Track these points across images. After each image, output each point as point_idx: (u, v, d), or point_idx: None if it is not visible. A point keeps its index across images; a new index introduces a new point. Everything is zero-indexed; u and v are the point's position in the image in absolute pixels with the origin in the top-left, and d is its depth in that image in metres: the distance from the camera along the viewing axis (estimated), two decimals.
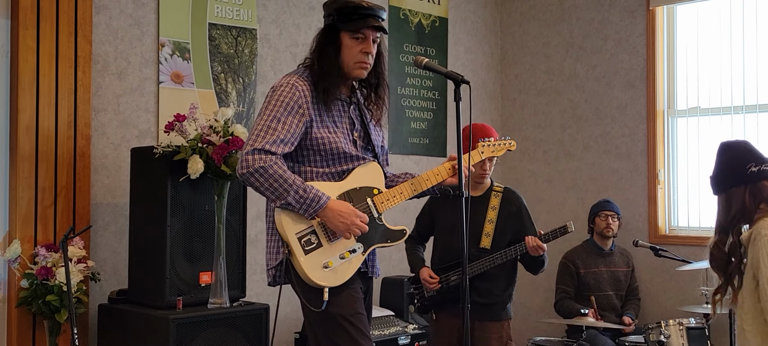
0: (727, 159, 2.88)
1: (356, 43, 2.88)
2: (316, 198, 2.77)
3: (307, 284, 2.82)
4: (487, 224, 3.81)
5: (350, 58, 2.89)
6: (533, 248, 3.73)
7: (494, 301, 3.80)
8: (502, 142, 3.40)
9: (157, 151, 3.66)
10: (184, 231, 3.75)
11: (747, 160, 2.83)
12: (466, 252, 2.82)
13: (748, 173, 2.81)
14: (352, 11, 2.88)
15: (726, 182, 2.86)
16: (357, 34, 2.88)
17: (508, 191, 3.94)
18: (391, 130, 5.45)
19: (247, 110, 4.66)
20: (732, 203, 2.83)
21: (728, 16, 5.20)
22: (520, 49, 6.13)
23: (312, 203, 2.77)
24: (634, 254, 5.28)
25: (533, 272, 3.94)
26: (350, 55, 2.89)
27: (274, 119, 2.79)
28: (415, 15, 5.62)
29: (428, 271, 3.89)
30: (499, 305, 3.81)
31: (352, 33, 2.88)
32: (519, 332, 5.89)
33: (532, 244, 3.73)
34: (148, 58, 4.29)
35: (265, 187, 2.76)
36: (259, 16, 4.74)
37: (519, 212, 3.88)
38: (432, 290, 3.87)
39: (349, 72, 2.91)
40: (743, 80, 5.12)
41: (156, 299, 3.70)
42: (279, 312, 4.67)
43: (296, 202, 2.76)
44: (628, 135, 5.53)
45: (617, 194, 5.51)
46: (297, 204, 2.76)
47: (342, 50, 2.89)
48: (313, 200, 2.77)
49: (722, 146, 2.92)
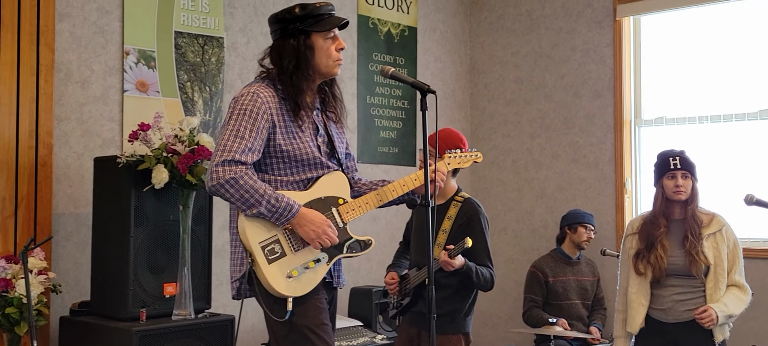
0: None
1: (329, 43, 2.91)
2: (289, 206, 2.76)
3: (271, 294, 2.80)
4: (441, 234, 3.72)
5: (328, 58, 2.91)
6: (443, 263, 3.50)
7: (440, 312, 3.45)
8: (469, 154, 3.39)
9: (121, 161, 3.62)
10: (148, 242, 3.70)
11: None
12: (432, 262, 2.79)
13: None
14: (319, 13, 2.89)
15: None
16: (329, 34, 2.90)
17: (467, 202, 3.76)
18: (360, 140, 5.44)
19: (213, 119, 4.62)
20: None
21: (692, 26, 5.26)
22: (489, 58, 6.15)
23: (284, 212, 2.76)
24: (601, 263, 5.31)
25: (478, 288, 3.74)
26: (327, 56, 2.91)
27: (241, 128, 2.77)
28: (384, 24, 5.61)
29: (392, 274, 3.87)
30: (446, 318, 3.59)
31: (325, 34, 2.89)
32: (488, 342, 5.90)
33: (441, 259, 3.50)
34: (112, 67, 4.23)
35: (236, 198, 2.74)
36: (226, 25, 4.70)
37: (469, 224, 3.68)
38: (393, 296, 3.87)
39: (328, 72, 2.93)
40: (708, 90, 5.18)
41: (119, 310, 3.64)
42: (246, 323, 4.65)
43: (268, 211, 2.75)
44: (596, 144, 5.57)
45: (585, 202, 5.54)
46: (269, 213, 2.75)
47: (316, 53, 2.89)
48: (286, 208, 2.76)
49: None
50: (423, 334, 3.65)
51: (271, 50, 2.95)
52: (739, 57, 5.07)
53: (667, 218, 3.69)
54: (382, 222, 5.45)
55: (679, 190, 3.65)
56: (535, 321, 4.94)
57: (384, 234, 5.36)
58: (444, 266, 3.51)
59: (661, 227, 3.67)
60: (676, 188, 3.65)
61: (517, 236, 5.94)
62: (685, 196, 3.66)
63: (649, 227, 3.71)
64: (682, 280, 3.62)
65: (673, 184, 3.65)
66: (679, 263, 3.62)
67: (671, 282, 3.64)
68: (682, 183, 3.65)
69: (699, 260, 3.57)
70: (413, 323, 3.76)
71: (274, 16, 2.94)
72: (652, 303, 3.69)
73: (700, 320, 3.53)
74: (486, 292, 3.80)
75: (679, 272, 3.62)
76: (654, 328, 3.68)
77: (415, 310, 3.75)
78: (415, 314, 3.74)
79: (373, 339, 4.64)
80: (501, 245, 5.99)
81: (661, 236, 3.65)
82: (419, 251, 3.81)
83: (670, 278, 3.64)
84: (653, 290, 3.68)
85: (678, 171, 3.66)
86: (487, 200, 6.07)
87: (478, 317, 6.10)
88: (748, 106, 5.00)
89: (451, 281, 3.65)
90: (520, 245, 5.90)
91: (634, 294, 3.72)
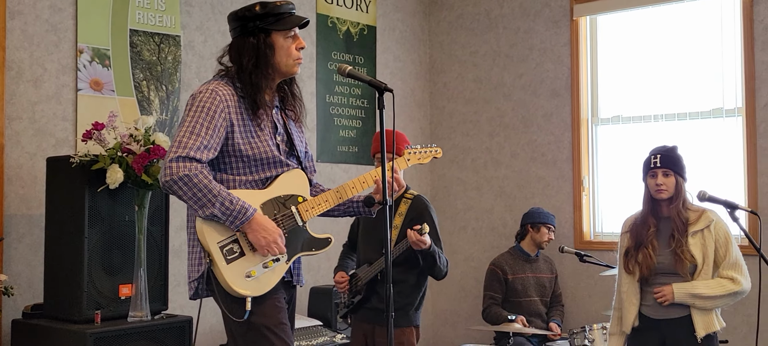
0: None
1: (290, 41, 2.89)
2: (243, 210, 2.73)
3: (229, 294, 2.77)
4: (392, 230, 3.80)
5: (288, 56, 2.89)
6: (414, 242, 3.64)
7: (395, 307, 3.58)
8: (428, 149, 3.40)
9: (74, 161, 3.56)
10: (102, 243, 3.65)
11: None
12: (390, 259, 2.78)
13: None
14: (279, 12, 2.87)
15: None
16: (290, 32, 2.88)
17: (417, 198, 3.91)
18: (319, 139, 5.42)
19: (170, 119, 4.56)
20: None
21: (648, 26, 5.34)
22: (448, 57, 6.17)
23: (238, 215, 2.72)
24: (559, 260, 5.36)
25: (433, 275, 3.86)
26: (288, 54, 2.89)
27: (197, 125, 2.74)
28: (343, 23, 5.60)
29: (341, 274, 3.95)
30: (399, 312, 3.67)
31: (285, 32, 2.88)
32: (448, 340, 5.93)
33: (412, 238, 3.63)
34: (65, 65, 4.15)
35: (188, 196, 2.70)
36: (182, 23, 4.65)
37: (420, 218, 3.81)
38: (345, 294, 3.92)
39: (288, 71, 2.92)
40: (663, 89, 5.26)
41: (73, 313, 3.58)
42: (204, 324, 4.60)
43: (222, 213, 2.71)
44: (554, 143, 5.62)
45: (544, 200, 5.58)
46: (223, 216, 2.71)
47: (276, 52, 2.87)
48: (240, 212, 2.72)
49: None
50: (377, 329, 3.78)
51: (230, 48, 2.93)
52: (692, 57, 5.16)
53: (655, 216, 3.70)
54: (342, 221, 5.42)
55: (660, 188, 3.65)
56: (495, 318, 4.97)
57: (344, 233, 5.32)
58: (416, 244, 3.64)
59: (650, 226, 3.68)
60: (657, 186, 3.66)
61: (476, 234, 5.97)
62: (667, 194, 3.65)
63: (639, 227, 3.72)
64: (670, 278, 3.62)
65: (654, 183, 3.66)
66: (666, 261, 3.64)
67: (660, 280, 3.65)
68: (663, 181, 3.65)
69: (684, 259, 3.57)
70: (367, 319, 3.84)
71: (233, 13, 2.91)
72: (643, 300, 3.70)
73: (656, 297, 3.58)
74: (439, 280, 3.94)
75: (667, 270, 3.63)
76: (645, 325, 3.70)
77: (368, 306, 3.82)
78: (369, 310, 3.81)
79: (333, 338, 4.63)
80: (461, 243, 6.02)
81: (651, 236, 3.66)
82: (369, 249, 3.87)
83: (659, 276, 3.65)
84: (644, 288, 3.70)
85: (659, 169, 3.66)
86: (447, 198, 6.09)
87: (438, 315, 6.14)
88: (701, 105, 5.09)
89: (405, 275, 3.78)
90: (480, 243, 5.93)
91: (624, 293, 3.74)
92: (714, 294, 3.54)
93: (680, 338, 3.60)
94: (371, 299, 3.81)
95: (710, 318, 3.58)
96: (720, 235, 3.61)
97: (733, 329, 4.69)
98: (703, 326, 3.56)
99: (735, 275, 3.57)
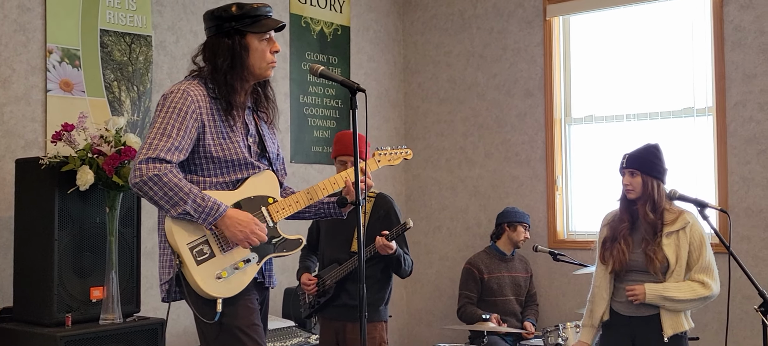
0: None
1: (265, 44, 2.88)
2: (216, 206, 2.71)
3: (200, 296, 2.75)
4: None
5: (262, 59, 2.87)
6: (381, 247, 3.76)
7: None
8: (398, 150, 3.41)
9: (44, 162, 3.52)
10: (73, 245, 3.61)
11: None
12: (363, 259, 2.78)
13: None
14: (256, 14, 2.86)
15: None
16: (265, 35, 2.87)
17: (380, 196, 4.01)
18: (293, 139, 5.40)
19: (142, 119, 4.52)
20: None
21: (620, 27, 5.39)
22: (422, 58, 6.18)
23: (211, 212, 2.70)
24: (533, 259, 5.39)
25: (398, 274, 3.99)
26: (262, 57, 2.87)
27: (168, 126, 2.71)
28: (316, 23, 5.59)
29: (308, 276, 3.99)
30: (370, 308, 3.82)
31: (261, 35, 2.86)
32: (423, 339, 5.93)
33: (379, 243, 3.76)
34: (34, 66, 4.10)
35: (159, 196, 2.67)
36: (154, 23, 4.61)
37: (387, 216, 3.93)
38: (312, 295, 3.96)
39: (261, 73, 2.90)
40: (635, 89, 5.30)
41: (43, 316, 3.54)
42: (177, 326, 4.57)
43: (194, 211, 2.69)
44: (528, 142, 5.64)
45: (518, 200, 5.61)
46: (195, 213, 2.69)
47: (251, 54, 2.85)
48: (212, 208, 2.70)
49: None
50: (348, 325, 3.87)
51: (204, 47, 2.90)
52: (663, 57, 5.21)
53: (631, 214, 3.73)
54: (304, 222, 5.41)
55: (627, 188, 3.70)
56: (469, 318, 4.98)
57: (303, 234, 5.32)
58: (382, 249, 3.76)
59: (624, 221, 3.73)
60: (625, 186, 3.71)
61: (451, 233, 5.98)
62: (634, 194, 3.69)
63: (616, 222, 3.78)
64: (642, 276, 3.66)
65: (623, 182, 3.72)
66: (638, 260, 3.67)
67: (632, 277, 3.68)
68: (630, 181, 3.69)
69: (655, 259, 3.61)
70: (337, 316, 3.90)
71: (210, 13, 2.89)
72: (615, 296, 3.74)
73: (628, 295, 3.61)
74: (404, 279, 4.09)
75: (639, 268, 3.67)
76: (616, 321, 3.74)
77: (337, 304, 3.90)
78: (339, 307, 3.90)
79: (308, 339, 4.61)
80: (436, 243, 6.03)
81: (624, 230, 3.70)
82: (336, 249, 3.91)
83: (631, 273, 3.69)
84: (616, 284, 3.74)
85: (626, 169, 3.72)
86: (422, 198, 6.10)
87: (413, 314, 6.15)
88: (672, 105, 5.14)
89: (374, 272, 3.88)
90: (455, 242, 5.94)
91: (597, 288, 3.79)
92: (684, 298, 3.58)
93: (649, 336, 3.64)
94: (341, 297, 3.89)
95: (678, 319, 3.62)
96: (695, 237, 3.64)
97: (703, 326, 4.74)
98: (670, 326, 3.60)
99: (706, 279, 3.61)
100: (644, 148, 3.76)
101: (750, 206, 4.77)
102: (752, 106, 4.78)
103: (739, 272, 3.61)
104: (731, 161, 4.84)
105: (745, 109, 4.80)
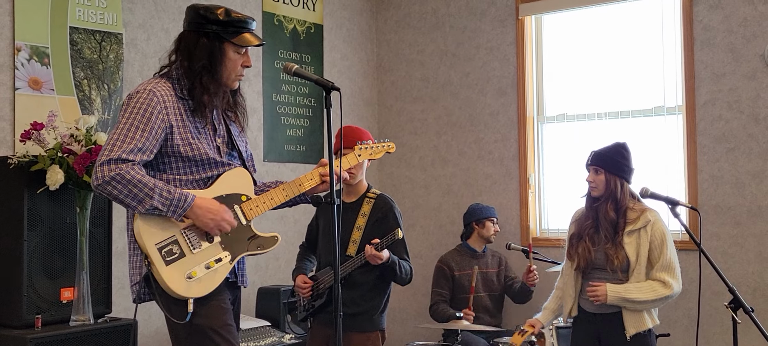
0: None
1: (239, 57, 2.86)
2: (183, 196, 2.69)
3: (170, 296, 2.72)
4: (355, 231, 3.72)
5: (232, 70, 2.86)
6: (370, 257, 3.57)
7: (358, 311, 3.65)
8: (380, 144, 3.39)
9: (12, 162, 3.48)
10: (43, 245, 3.56)
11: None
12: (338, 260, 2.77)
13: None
14: (240, 26, 2.83)
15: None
16: (241, 48, 2.85)
17: (380, 197, 3.80)
18: (266, 138, 5.37)
19: (112, 118, 4.47)
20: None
21: (592, 26, 5.43)
22: (395, 56, 6.18)
23: (179, 203, 2.68)
24: (507, 256, 5.41)
25: (396, 282, 3.80)
26: (233, 68, 2.86)
27: (131, 127, 2.68)
28: (289, 21, 5.56)
29: (303, 278, 3.84)
30: (364, 316, 3.68)
31: (238, 47, 2.84)
32: (397, 338, 5.93)
33: (368, 253, 3.57)
34: (2, 63, 4.04)
35: (124, 194, 2.64)
36: (125, 20, 4.56)
37: (385, 219, 3.73)
38: (306, 298, 3.82)
39: (228, 83, 2.88)
40: (606, 88, 5.35)
41: (12, 318, 3.50)
42: (150, 327, 4.52)
43: (162, 204, 2.66)
44: (501, 141, 5.67)
45: (491, 198, 5.63)
46: (163, 206, 2.66)
47: (225, 62, 2.83)
48: (180, 199, 2.68)
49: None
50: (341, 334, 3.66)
51: (179, 40, 2.86)
52: (634, 56, 5.26)
53: (595, 212, 3.75)
54: (290, 220, 5.40)
55: (591, 186, 3.74)
56: (441, 316, 4.99)
57: (292, 232, 5.31)
58: (371, 259, 3.55)
59: (589, 219, 3.76)
60: (588, 183, 3.75)
61: (424, 232, 5.99)
62: (597, 192, 3.72)
63: (583, 220, 3.81)
64: (605, 274, 3.69)
65: (587, 179, 3.76)
66: (601, 258, 3.71)
67: (597, 275, 3.71)
68: (593, 179, 3.72)
69: (615, 258, 3.64)
70: (329, 323, 3.73)
71: (196, 8, 2.85)
72: (581, 293, 3.78)
73: (588, 293, 3.65)
74: (404, 286, 3.86)
75: (602, 266, 3.70)
76: (582, 316, 3.79)
77: (330, 310, 3.71)
78: (331, 314, 3.70)
79: (281, 339, 4.59)
80: (409, 241, 5.98)
81: (588, 228, 3.74)
82: (331, 250, 3.77)
83: (596, 270, 3.73)
84: (583, 280, 3.78)
85: (591, 166, 3.75)
86: (396, 196, 6.09)
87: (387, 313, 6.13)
88: (642, 103, 5.19)
89: (369, 278, 3.69)
90: (428, 240, 5.96)
91: (564, 284, 3.84)
92: (645, 299, 3.61)
93: (614, 333, 3.68)
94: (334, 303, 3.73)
95: (641, 317, 3.65)
96: (656, 236, 3.66)
97: (674, 323, 4.80)
98: (632, 325, 3.63)
99: (667, 278, 3.63)
100: (611, 147, 3.78)
101: (719, 204, 4.83)
102: (721, 105, 4.84)
103: (709, 269, 3.65)
104: (701, 159, 4.90)
105: (714, 107, 4.86)
